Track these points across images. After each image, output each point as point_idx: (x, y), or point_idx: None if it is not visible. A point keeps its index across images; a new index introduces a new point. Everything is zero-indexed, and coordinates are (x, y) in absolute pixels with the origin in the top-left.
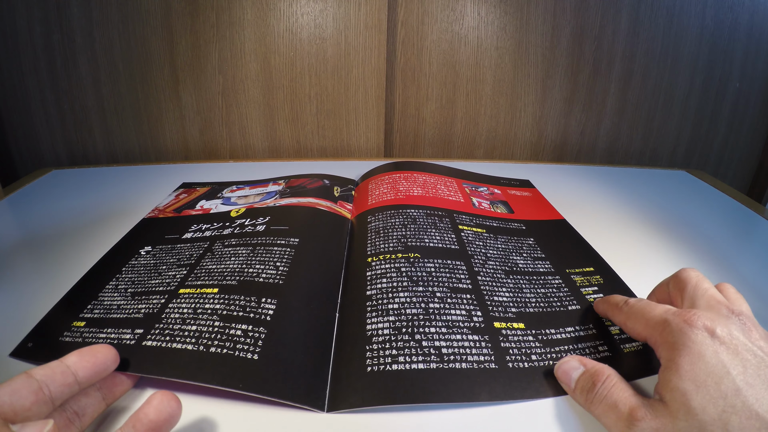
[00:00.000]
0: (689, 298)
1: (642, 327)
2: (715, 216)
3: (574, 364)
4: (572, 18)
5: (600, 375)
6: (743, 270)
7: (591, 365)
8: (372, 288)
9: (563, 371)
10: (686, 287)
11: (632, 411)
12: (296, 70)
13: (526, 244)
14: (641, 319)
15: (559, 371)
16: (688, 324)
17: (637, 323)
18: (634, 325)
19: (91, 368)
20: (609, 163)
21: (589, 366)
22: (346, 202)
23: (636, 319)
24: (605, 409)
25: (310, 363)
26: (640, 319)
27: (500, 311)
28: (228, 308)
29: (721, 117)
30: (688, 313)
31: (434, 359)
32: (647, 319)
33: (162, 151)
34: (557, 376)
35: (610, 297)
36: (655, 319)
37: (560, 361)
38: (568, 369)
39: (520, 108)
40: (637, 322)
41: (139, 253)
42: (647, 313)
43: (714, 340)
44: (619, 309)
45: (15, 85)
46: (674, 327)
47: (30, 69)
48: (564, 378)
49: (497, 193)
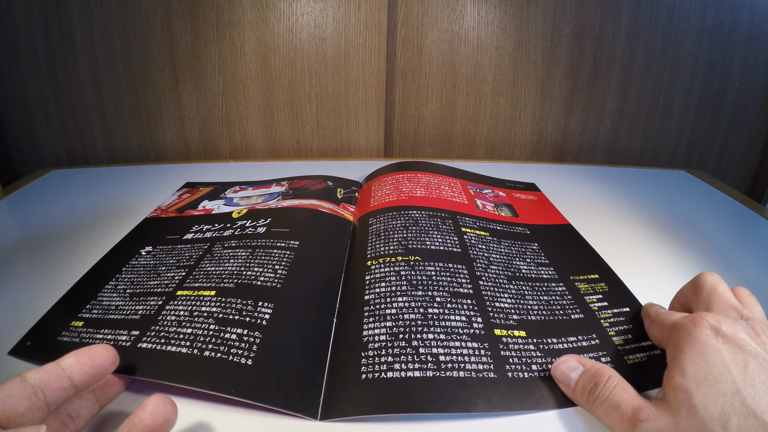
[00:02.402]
0: (704, 301)
1: (658, 331)
2: (715, 216)
3: (572, 363)
4: (572, 18)
5: (602, 375)
6: (743, 270)
7: (590, 365)
8: (370, 292)
9: (561, 371)
10: (702, 291)
11: (636, 411)
12: (296, 70)
13: (530, 249)
14: (659, 324)
15: (557, 371)
16: (694, 324)
17: (655, 328)
18: (653, 330)
19: (88, 371)
20: (609, 163)
21: (588, 366)
22: (349, 204)
23: (655, 325)
24: (608, 409)
25: (304, 369)
26: (658, 324)
27: (501, 318)
28: (224, 311)
29: (721, 117)
30: (698, 316)
31: (431, 367)
32: (663, 324)
33: (162, 151)
34: (554, 376)
35: (648, 306)
36: (668, 323)
37: (558, 361)
38: (567, 369)
39: (520, 108)
40: (656, 327)
41: (139, 253)
42: (665, 319)
43: (717, 339)
44: (648, 317)
45: (15, 85)
46: (681, 327)
47: (30, 69)
48: (562, 378)
49: (502, 196)
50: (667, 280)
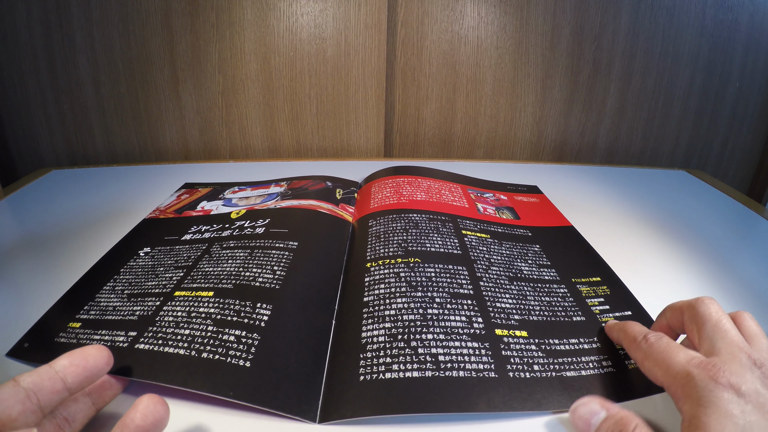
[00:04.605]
0: (707, 338)
1: (662, 374)
2: (715, 216)
3: (594, 407)
4: (572, 18)
5: (628, 424)
6: (743, 270)
7: (615, 411)
8: (369, 294)
9: (579, 416)
10: (704, 326)
11: None
12: (296, 70)
13: (532, 251)
14: (661, 364)
15: (575, 415)
16: (714, 380)
17: (656, 367)
18: (652, 367)
19: (81, 373)
20: (609, 163)
21: (613, 412)
22: (348, 205)
23: (655, 363)
24: None
25: (303, 372)
26: (661, 364)
27: (502, 318)
28: (222, 313)
29: (721, 117)
30: (713, 367)
31: (430, 367)
32: (668, 366)
33: (162, 151)
34: (572, 421)
35: (626, 326)
36: (677, 369)
37: (577, 403)
38: (587, 414)
39: (520, 108)
40: (657, 366)
41: (138, 254)
42: (668, 359)
43: (740, 399)
44: (637, 345)
45: (15, 85)
46: (699, 382)
47: (30, 69)
48: (581, 424)
49: (503, 200)
50: (667, 281)
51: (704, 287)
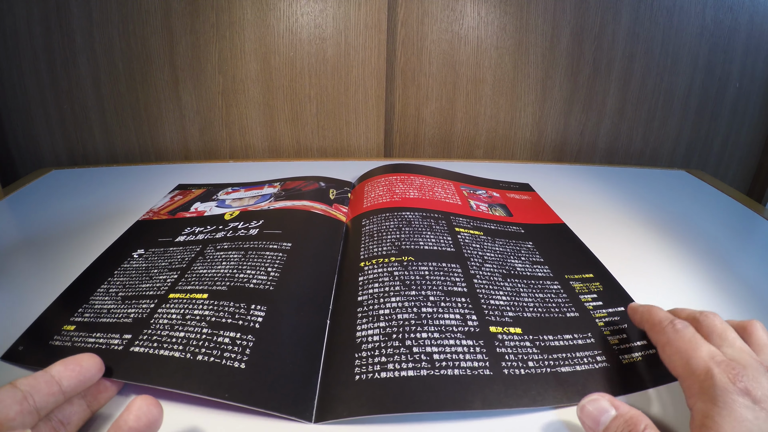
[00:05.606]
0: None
1: (681, 364)
2: (715, 216)
3: (603, 405)
4: (572, 18)
5: (638, 424)
6: (743, 270)
7: (625, 410)
8: (363, 293)
9: (588, 413)
10: (710, 336)
11: None
12: (296, 70)
13: (525, 248)
14: (683, 355)
15: (584, 412)
16: (733, 382)
17: (677, 356)
18: (672, 354)
19: (75, 377)
20: (609, 163)
21: (623, 411)
22: (342, 205)
23: (677, 351)
24: None
25: (298, 372)
26: (683, 354)
27: (496, 315)
28: (217, 315)
29: (721, 117)
30: (734, 369)
31: (425, 366)
32: (689, 358)
33: (162, 151)
34: (580, 418)
35: (652, 309)
36: (698, 363)
37: (585, 399)
38: (596, 411)
39: (520, 108)
40: (678, 355)
41: (131, 256)
42: (691, 350)
43: (755, 405)
44: (662, 328)
45: (15, 85)
46: (718, 382)
47: (30, 69)
48: (589, 421)
49: (496, 197)
50: (668, 281)
51: (704, 287)
